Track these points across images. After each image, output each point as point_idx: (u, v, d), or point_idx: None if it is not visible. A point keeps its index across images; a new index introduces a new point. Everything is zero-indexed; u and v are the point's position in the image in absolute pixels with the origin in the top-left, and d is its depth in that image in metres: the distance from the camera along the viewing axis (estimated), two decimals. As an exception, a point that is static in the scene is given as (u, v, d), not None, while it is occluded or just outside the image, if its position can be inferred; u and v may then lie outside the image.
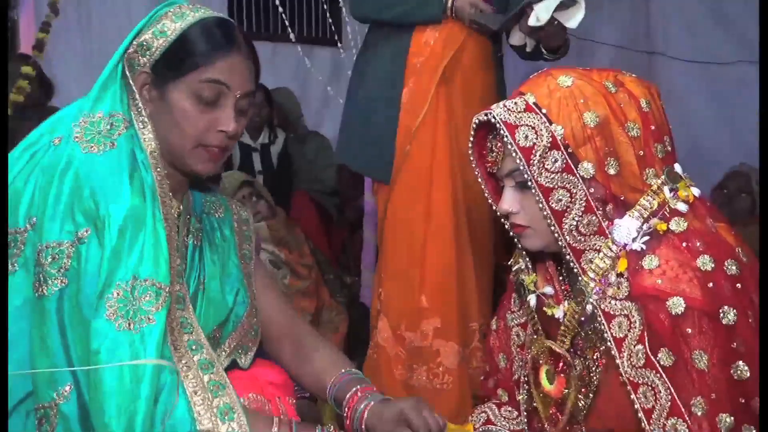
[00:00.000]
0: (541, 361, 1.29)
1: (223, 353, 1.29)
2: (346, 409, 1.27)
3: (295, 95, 4.31)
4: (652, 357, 1.11)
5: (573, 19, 1.87)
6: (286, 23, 4.53)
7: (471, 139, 1.28)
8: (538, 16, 1.86)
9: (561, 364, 1.26)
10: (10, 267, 1.11)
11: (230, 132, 1.20)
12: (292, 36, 4.44)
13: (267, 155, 3.76)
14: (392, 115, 2.08)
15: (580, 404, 1.23)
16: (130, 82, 1.19)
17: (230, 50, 1.20)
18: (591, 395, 1.22)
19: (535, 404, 1.32)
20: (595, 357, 1.22)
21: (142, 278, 1.07)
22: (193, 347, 1.15)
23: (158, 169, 1.17)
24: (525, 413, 1.37)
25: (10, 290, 1.10)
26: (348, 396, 1.28)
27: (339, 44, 4.92)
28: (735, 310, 1.09)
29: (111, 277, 1.06)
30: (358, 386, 1.28)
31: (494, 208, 1.30)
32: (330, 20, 4.97)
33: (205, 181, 1.35)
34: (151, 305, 1.06)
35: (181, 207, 1.27)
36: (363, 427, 1.23)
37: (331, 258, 3.42)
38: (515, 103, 1.21)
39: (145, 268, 1.08)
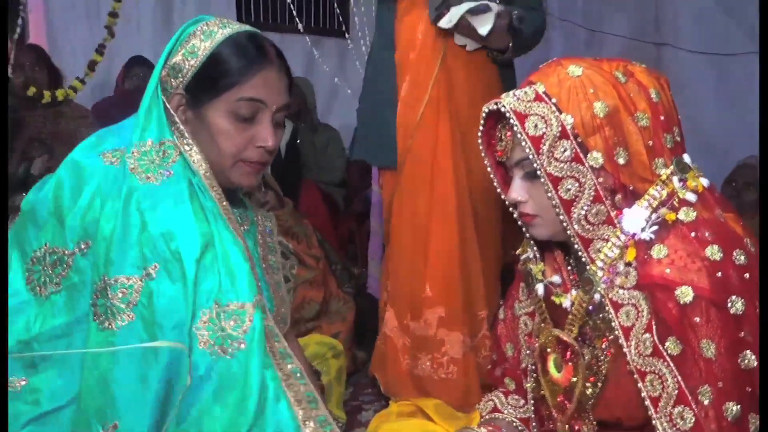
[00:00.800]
0: (549, 350, 1.30)
1: None
2: None
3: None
4: (659, 345, 1.11)
5: (483, 27, 1.91)
6: (294, 14, 4.53)
7: (480, 128, 1.28)
8: (450, 18, 1.91)
9: (569, 353, 1.26)
10: (52, 286, 1.11)
11: (269, 147, 1.20)
12: (300, 26, 4.44)
13: (275, 145, 3.77)
14: (393, 109, 2.09)
15: (588, 392, 1.24)
16: (167, 105, 1.19)
17: (263, 65, 1.19)
18: (599, 384, 1.23)
19: (542, 392, 1.32)
20: (603, 346, 1.22)
21: (224, 304, 1.08)
22: (284, 354, 1.15)
23: (215, 188, 1.17)
24: (532, 401, 1.38)
25: (47, 309, 1.11)
26: None
27: (347, 35, 4.91)
28: (743, 300, 1.09)
29: (195, 307, 1.07)
30: None
31: (503, 197, 1.30)
32: (338, 11, 4.97)
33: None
34: (238, 329, 1.07)
35: None
36: None
37: (338, 249, 3.44)
38: (525, 92, 1.21)
39: (225, 294, 1.09)
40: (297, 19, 4.55)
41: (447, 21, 1.93)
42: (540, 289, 1.30)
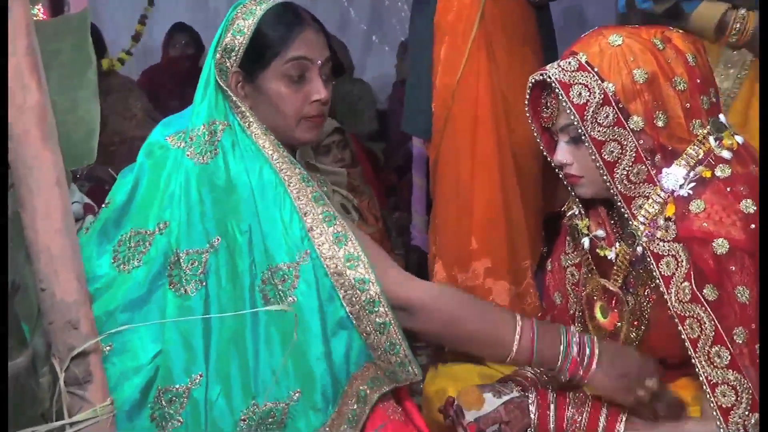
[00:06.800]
0: (595, 298, 1.42)
1: None
2: None
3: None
4: (697, 292, 1.22)
5: None
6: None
7: (527, 96, 1.38)
8: None
9: (614, 301, 1.38)
10: (134, 261, 1.25)
11: (323, 99, 1.34)
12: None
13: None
14: (430, 74, 2.17)
15: (632, 336, 1.36)
16: (223, 86, 1.31)
17: (302, 28, 1.33)
18: (642, 328, 1.35)
19: (590, 336, 1.45)
20: (646, 293, 1.34)
21: (274, 266, 1.23)
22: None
23: (275, 148, 1.29)
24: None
25: (129, 281, 1.24)
26: None
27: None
28: None
29: (255, 270, 1.22)
30: None
31: (549, 159, 1.40)
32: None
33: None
34: (288, 286, 1.22)
35: None
36: None
37: (380, 201, 3.56)
38: (568, 62, 1.30)
39: (271, 258, 1.22)
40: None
41: None
42: (586, 242, 1.41)
